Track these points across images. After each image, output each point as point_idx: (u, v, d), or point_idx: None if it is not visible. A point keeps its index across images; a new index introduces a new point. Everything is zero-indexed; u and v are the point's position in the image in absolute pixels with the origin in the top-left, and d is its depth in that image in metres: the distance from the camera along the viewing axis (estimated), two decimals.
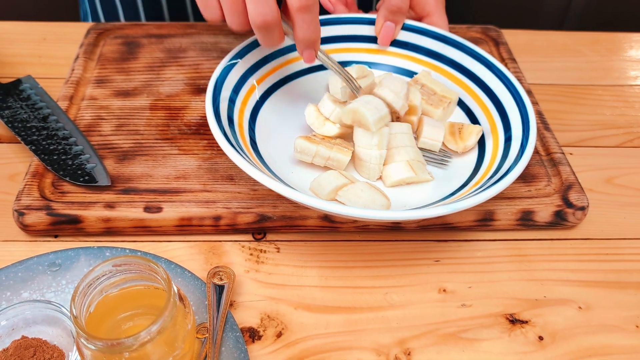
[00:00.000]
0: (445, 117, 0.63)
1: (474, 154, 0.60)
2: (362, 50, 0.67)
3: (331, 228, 0.56)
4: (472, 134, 0.59)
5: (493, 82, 0.62)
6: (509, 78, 0.61)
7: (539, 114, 0.67)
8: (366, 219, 0.48)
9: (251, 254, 0.55)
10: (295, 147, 0.56)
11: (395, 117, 0.60)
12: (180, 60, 0.72)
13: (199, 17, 0.86)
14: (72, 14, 0.89)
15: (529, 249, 0.57)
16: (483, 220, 0.57)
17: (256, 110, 0.62)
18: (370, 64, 0.67)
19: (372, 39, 0.67)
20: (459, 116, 0.64)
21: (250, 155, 0.54)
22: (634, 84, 0.77)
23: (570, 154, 0.66)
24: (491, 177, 0.54)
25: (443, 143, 0.60)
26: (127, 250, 0.51)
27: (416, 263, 0.55)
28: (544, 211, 0.57)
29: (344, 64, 0.67)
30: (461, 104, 0.65)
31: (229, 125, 0.56)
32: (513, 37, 0.81)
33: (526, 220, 0.57)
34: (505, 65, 0.73)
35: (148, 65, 0.71)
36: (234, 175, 0.58)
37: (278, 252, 0.55)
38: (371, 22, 0.67)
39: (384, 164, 0.56)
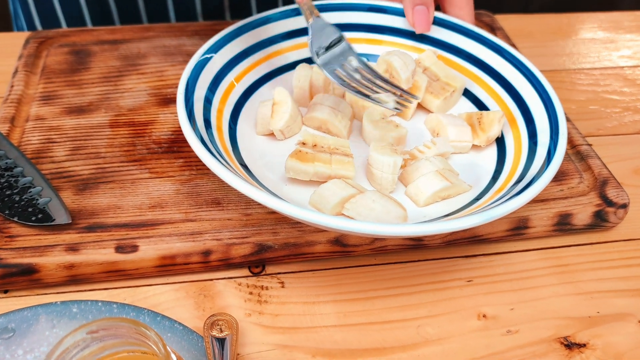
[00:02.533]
0: (445, 108, 0.55)
1: (493, 151, 0.52)
2: (357, 41, 0.59)
3: (343, 253, 0.47)
4: (494, 121, 0.51)
5: (505, 69, 0.55)
6: (524, 63, 0.54)
7: None
8: (394, 235, 0.38)
9: (251, 293, 0.45)
10: (287, 170, 0.47)
11: (395, 89, 0.53)
12: (141, 68, 0.62)
13: (153, 18, 0.76)
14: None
15: (568, 257, 0.49)
16: (516, 229, 0.49)
17: (237, 111, 0.52)
18: (367, 57, 0.59)
19: (368, 28, 0.59)
20: (465, 107, 0.56)
21: (235, 166, 0.45)
22: None
23: (590, 144, 0.59)
24: (521, 177, 0.46)
25: None
26: (100, 304, 0.41)
27: (447, 286, 0.47)
28: (582, 213, 0.49)
29: None
30: (467, 93, 0.57)
31: (206, 128, 0.47)
32: (506, 22, 0.74)
33: (563, 225, 0.49)
34: None
35: (103, 75, 0.60)
36: (221, 198, 0.49)
37: (282, 287, 0.46)
38: (370, 8, 0.58)
39: (406, 184, 0.48)
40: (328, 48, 0.50)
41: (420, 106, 0.56)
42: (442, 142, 0.50)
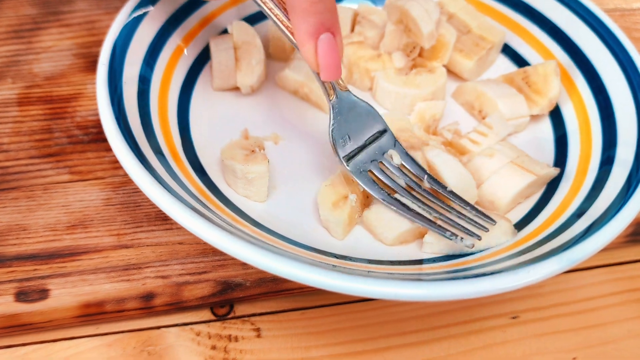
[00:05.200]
0: (479, 72, 0.41)
1: (546, 130, 0.38)
2: None
3: None
4: (549, 76, 0.37)
5: (559, 16, 0.40)
6: (586, 6, 0.39)
7: None
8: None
9: (214, 347, 0.32)
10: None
11: (411, 50, 0.38)
12: (64, 18, 0.46)
13: None
14: None
15: None
16: None
17: (188, 91, 0.38)
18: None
19: None
20: (502, 68, 0.42)
21: (187, 178, 0.31)
22: None
23: None
24: (603, 174, 0.32)
25: None
26: None
27: (485, 325, 0.34)
28: None
29: None
30: (504, 49, 0.42)
31: (142, 122, 0.32)
32: None
33: (639, 235, 0.36)
34: None
35: (11, 29, 0.45)
36: None
37: (258, 336, 0.33)
38: None
39: (479, 184, 0.35)
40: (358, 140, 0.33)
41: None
42: (500, 123, 0.36)
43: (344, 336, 0.33)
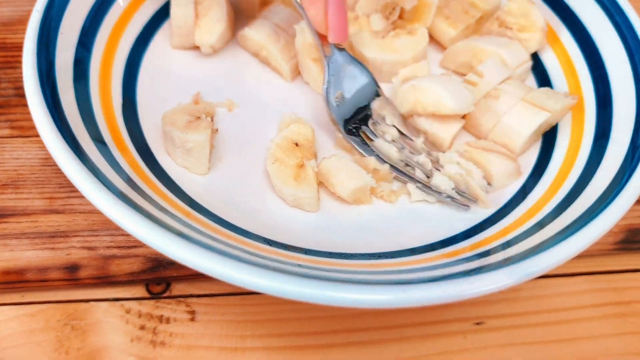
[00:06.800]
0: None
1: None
2: None
3: None
4: (526, 8, 0.35)
5: None
6: None
7: None
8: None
9: (142, 327, 0.30)
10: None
11: (390, 12, 0.34)
12: None
13: None
14: None
15: (633, 290, 0.33)
16: None
17: (141, 47, 0.34)
18: None
19: None
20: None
21: (118, 147, 0.28)
22: None
23: None
24: (591, 165, 0.29)
25: None
26: None
27: (443, 330, 0.31)
28: None
29: None
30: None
31: (75, 75, 0.29)
32: None
33: (631, 243, 0.33)
34: None
35: None
36: None
37: (192, 320, 0.30)
38: None
39: (485, 137, 0.33)
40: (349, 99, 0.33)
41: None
42: (494, 69, 0.33)
43: (285, 328, 0.30)
